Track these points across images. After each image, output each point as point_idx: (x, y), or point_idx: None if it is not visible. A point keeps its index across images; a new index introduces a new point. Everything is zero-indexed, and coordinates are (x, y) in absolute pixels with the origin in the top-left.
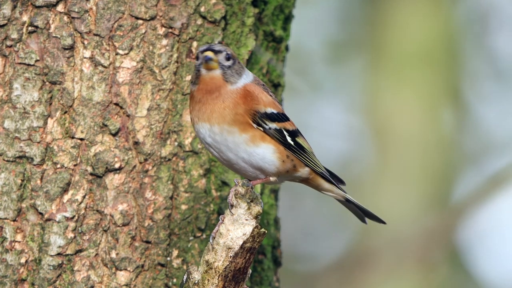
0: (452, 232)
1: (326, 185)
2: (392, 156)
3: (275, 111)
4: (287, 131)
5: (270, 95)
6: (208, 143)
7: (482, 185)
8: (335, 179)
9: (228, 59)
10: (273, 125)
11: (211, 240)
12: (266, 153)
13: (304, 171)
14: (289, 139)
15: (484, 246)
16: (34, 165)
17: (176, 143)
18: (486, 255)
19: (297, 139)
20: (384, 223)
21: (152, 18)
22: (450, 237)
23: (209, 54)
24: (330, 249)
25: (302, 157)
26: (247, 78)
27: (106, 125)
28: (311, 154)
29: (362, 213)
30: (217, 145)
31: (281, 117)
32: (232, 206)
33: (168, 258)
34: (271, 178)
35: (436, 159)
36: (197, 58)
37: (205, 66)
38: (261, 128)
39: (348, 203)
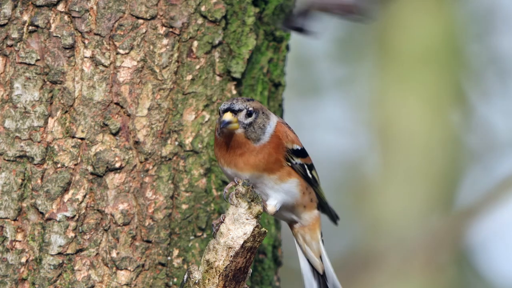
0: (458, 232)
1: (315, 239)
2: (398, 157)
3: (299, 148)
4: (307, 165)
5: (292, 131)
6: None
7: (488, 185)
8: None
9: (249, 115)
10: (298, 161)
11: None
12: (292, 187)
13: (312, 214)
14: (308, 171)
15: (491, 246)
16: (35, 164)
17: (176, 143)
18: (493, 256)
19: (313, 172)
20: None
21: (153, 18)
22: (457, 237)
23: (227, 117)
24: (333, 248)
25: (316, 189)
26: (272, 124)
27: (106, 125)
28: (319, 187)
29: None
30: None
31: (303, 153)
32: (229, 197)
33: (169, 258)
34: (268, 208)
35: (442, 159)
36: (219, 112)
37: (225, 129)
38: (289, 164)
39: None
